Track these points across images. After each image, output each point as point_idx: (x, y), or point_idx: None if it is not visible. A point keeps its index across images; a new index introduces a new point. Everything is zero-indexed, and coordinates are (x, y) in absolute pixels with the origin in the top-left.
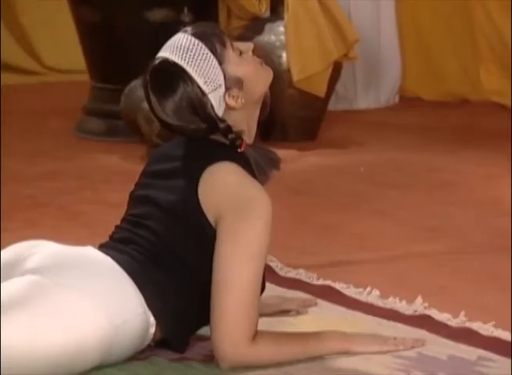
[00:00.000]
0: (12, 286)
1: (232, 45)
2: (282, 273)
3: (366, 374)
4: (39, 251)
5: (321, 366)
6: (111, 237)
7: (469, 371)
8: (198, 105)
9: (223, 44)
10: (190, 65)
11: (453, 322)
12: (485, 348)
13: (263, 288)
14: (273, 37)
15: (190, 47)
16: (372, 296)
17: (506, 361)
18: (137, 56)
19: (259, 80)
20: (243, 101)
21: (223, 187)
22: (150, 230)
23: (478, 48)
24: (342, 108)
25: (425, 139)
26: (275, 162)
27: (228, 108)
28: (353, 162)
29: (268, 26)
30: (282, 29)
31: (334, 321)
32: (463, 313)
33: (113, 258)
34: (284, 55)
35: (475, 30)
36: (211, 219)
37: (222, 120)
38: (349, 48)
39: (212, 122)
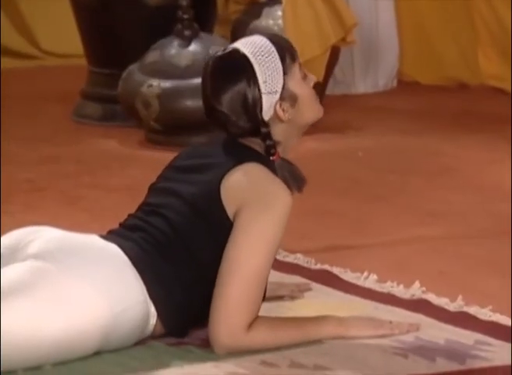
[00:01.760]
0: (13, 271)
1: (300, 65)
2: (280, 258)
3: (363, 358)
4: (41, 236)
5: (318, 351)
6: (121, 224)
7: (466, 355)
8: (251, 102)
9: (293, 59)
10: (258, 62)
11: (451, 306)
12: (483, 332)
13: (264, 293)
14: (271, 22)
15: (263, 47)
16: (370, 281)
17: (503, 345)
18: (135, 41)
19: (311, 108)
20: (290, 117)
21: (247, 181)
22: (165, 219)
23: (476, 32)
24: (340, 92)
25: (424, 123)
26: (300, 182)
27: (275, 116)
28: (351, 146)
29: (265, 11)
30: (279, 13)
31: (332, 306)
32: (460, 298)
33: (118, 244)
34: None
35: (473, 14)
36: (230, 213)
37: (266, 125)
38: (347, 33)
39: (257, 123)
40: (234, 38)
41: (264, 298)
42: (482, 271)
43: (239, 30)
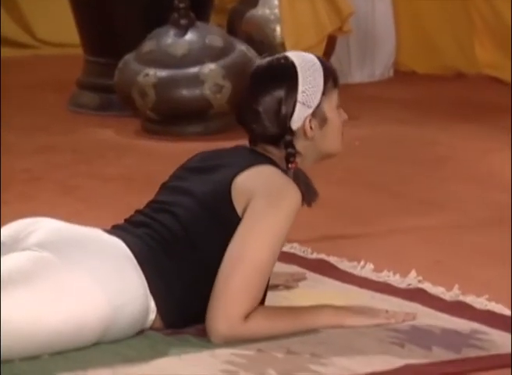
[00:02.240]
0: (14, 260)
1: (339, 95)
2: None
3: (360, 347)
4: (42, 226)
5: (315, 340)
6: (126, 220)
7: (463, 344)
8: (285, 107)
9: (334, 84)
10: (303, 72)
11: (447, 295)
12: (479, 321)
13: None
14: (267, 11)
15: (311, 62)
16: (366, 270)
17: (499, 334)
18: (131, 30)
19: (335, 139)
20: (314, 136)
21: (257, 177)
22: (173, 217)
23: (472, 21)
24: None
25: (421, 113)
26: (312, 196)
27: (301, 130)
28: (347, 136)
29: (262, 0)
30: (276, 2)
31: (328, 295)
32: (456, 287)
33: (121, 238)
34: (278, 28)
35: (469, 3)
36: (240, 210)
37: (292, 133)
38: (343, 22)
39: (283, 130)
40: (230, 27)
41: (267, 293)
42: (479, 260)
43: (235, 19)
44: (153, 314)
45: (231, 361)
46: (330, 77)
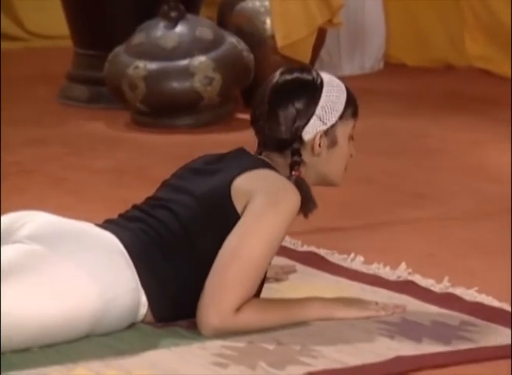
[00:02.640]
0: (5, 253)
1: (354, 127)
2: None
3: (350, 339)
4: (34, 219)
5: (305, 332)
6: (120, 215)
7: (452, 336)
8: (302, 116)
9: (353, 115)
10: (327, 90)
11: (437, 287)
12: (468, 313)
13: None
14: (257, 3)
15: (339, 85)
16: (356, 262)
17: (488, 326)
18: (121, 22)
19: (338, 167)
20: (320, 154)
21: (258, 178)
22: (171, 214)
23: (462, 14)
24: None
25: (411, 105)
26: (310, 206)
27: (310, 145)
28: None
29: None
30: None
31: (318, 287)
32: (446, 279)
33: (114, 233)
34: (268, 21)
35: None
36: (240, 209)
37: (301, 142)
38: (333, 14)
39: (294, 137)
40: (220, 19)
41: (261, 290)
42: (469, 252)
43: (225, 12)
44: (144, 308)
45: (221, 353)
46: (351, 105)
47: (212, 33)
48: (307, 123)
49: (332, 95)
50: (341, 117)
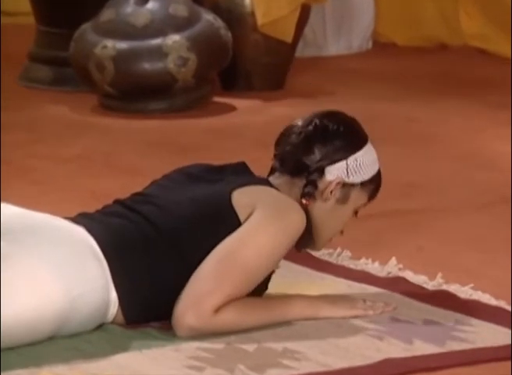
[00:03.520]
0: None
1: (364, 206)
2: None
3: (336, 341)
4: None
5: (288, 333)
6: (98, 210)
7: (446, 336)
8: (334, 155)
9: (372, 193)
10: (367, 148)
11: (430, 284)
12: (463, 311)
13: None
14: None
15: (375, 160)
16: (343, 257)
17: (485, 325)
18: None
19: (335, 225)
20: (326, 200)
21: (262, 191)
22: (160, 210)
23: None
24: (310, 54)
25: (401, 88)
26: (306, 242)
27: (323, 187)
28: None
29: None
30: None
31: (302, 284)
32: (439, 275)
33: (86, 227)
34: None
35: None
36: (242, 218)
37: (320, 176)
38: None
39: (315, 169)
40: None
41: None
42: (464, 247)
43: None
44: (114, 308)
45: (197, 356)
46: (375, 183)
47: (187, 9)
48: (334, 163)
49: (368, 158)
50: (362, 184)
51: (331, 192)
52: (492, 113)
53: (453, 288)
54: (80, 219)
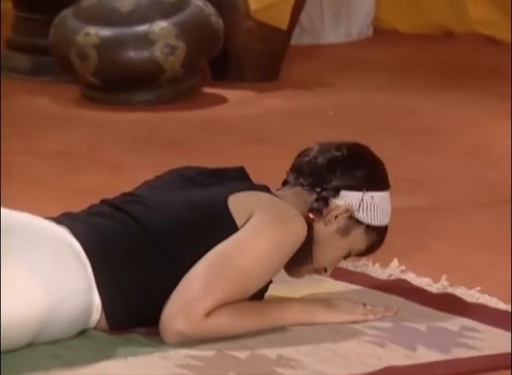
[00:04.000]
0: None
1: (362, 255)
2: None
3: (334, 348)
4: None
5: (282, 339)
6: (84, 210)
7: (451, 343)
8: (353, 182)
9: (371, 246)
10: (385, 195)
11: (434, 287)
12: (470, 316)
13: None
14: None
15: (388, 209)
16: None
17: (492, 331)
18: None
19: (329, 256)
20: (327, 224)
21: (261, 197)
22: (150, 210)
23: None
24: (307, 42)
25: (403, 78)
26: (301, 263)
27: (332, 209)
28: (320, 104)
29: None
30: None
31: (298, 288)
32: (444, 277)
33: (69, 228)
34: None
35: None
36: (239, 224)
37: (335, 195)
38: None
39: (331, 188)
40: None
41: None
42: (469, 246)
43: None
44: (97, 313)
45: (186, 364)
46: (377, 237)
47: None
48: (351, 190)
49: (383, 205)
50: (368, 227)
51: (336, 217)
52: (500, 105)
53: (459, 291)
54: (63, 219)
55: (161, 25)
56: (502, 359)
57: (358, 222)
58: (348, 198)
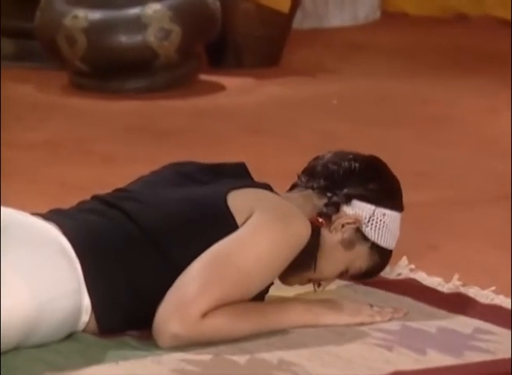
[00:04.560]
0: None
1: (366, 274)
2: None
3: (338, 351)
4: None
5: (284, 342)
6: (73, 207)
7: (463, 346)
8: (367, 192)
9: (372, 271)
10: (394, 216)
11: (445, 287)
12: (484, 318)
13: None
14: None
15: (397, 226)
16: None
17: (507, 333)
18: None
19: (330, 268)
20: (332, 232)
21: (262, 195)
22: (145, 207)
23: None
24: (310, 26)
25: (412, 64)
26: (305, 265)
27: (340, 217)
28: (323, 93)
29: None
30: None
31: (300, 287)
32: (456, 276)
33: (58, 225)
34: None
35: None
36: (239, 222)
37: (347, 202)
38: None
39: (344, 195)
40: None
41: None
42: (482, 243)
43: None
44: (87, 315)
45: (181, 369)
46: (380, 260)
47: None
48: (364, 201)
49: (393, 226)
50: (372, 245)
51: (343, 226)
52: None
53: (472, 291)
54: (51, 215)
55: (154, 7)
56: None
57: (364, 238)
58: (359, 209)
